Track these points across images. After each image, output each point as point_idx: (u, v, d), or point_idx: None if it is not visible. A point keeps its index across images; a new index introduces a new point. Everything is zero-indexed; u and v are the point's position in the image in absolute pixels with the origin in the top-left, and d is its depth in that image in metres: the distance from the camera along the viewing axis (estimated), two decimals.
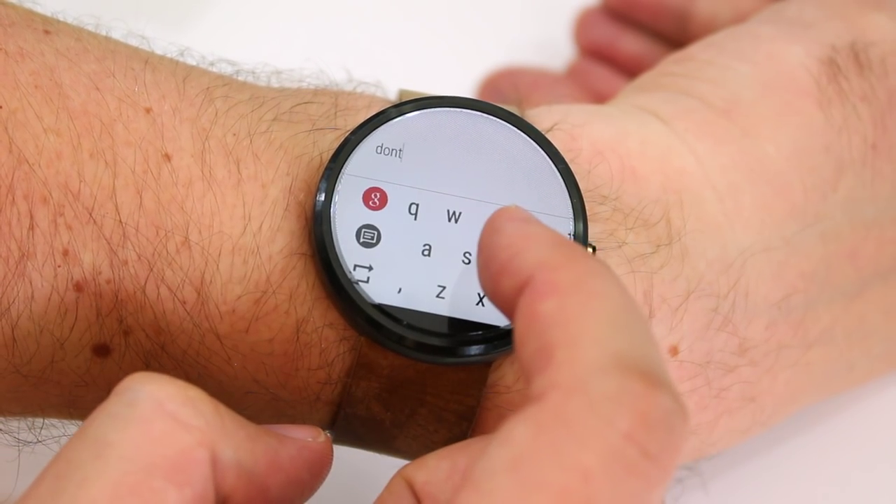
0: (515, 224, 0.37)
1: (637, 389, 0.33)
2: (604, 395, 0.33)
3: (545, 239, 0.36)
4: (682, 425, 0.33)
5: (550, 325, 0.34)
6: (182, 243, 0.41)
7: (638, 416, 0.33)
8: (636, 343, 0.34)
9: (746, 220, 0.46)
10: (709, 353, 0.45)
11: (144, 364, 0.42)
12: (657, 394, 0.33)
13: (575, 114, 0.46)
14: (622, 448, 0.32)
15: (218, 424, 0.36)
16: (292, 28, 0.66)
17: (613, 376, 0.33)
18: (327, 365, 0.42)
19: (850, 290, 0.48)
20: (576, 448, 0.32)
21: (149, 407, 0.35)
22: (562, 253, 0.36)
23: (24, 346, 0.41)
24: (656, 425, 0.33)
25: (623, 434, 0.32)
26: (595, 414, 0.33)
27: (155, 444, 0.35)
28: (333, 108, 0.44)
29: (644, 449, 0.33)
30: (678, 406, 0.33)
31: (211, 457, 0.35)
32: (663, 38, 0.62)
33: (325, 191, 0.42)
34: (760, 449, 0.52)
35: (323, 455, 0.39)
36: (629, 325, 0.35)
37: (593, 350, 0.34)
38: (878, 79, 0.48)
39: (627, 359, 0.34)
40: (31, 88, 0.41)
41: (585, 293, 0.35)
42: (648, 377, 0.33)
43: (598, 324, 0.34)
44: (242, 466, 0.36)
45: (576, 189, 0.43)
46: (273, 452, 0.37)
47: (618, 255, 0.44)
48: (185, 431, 0.35)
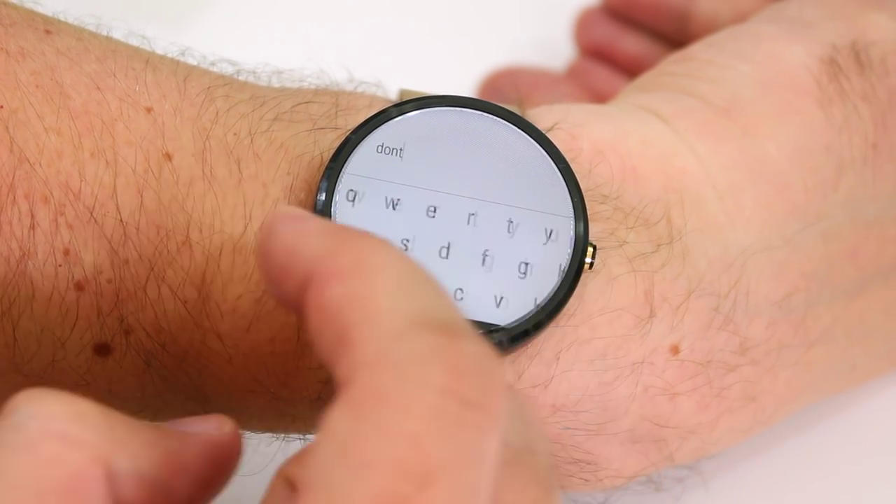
0: (287, 223, 0.36)
1: (440, 343, 0.32)
2: (409, 358, 0.32)
3: (317, 230, 0.35)
4: (496, 367, 0.33)
5: (341, 310, 0.34)
6: (183, 243, 0.41)
7: (448, 368, 0.32)
8: (427, 301, 0.34)
9: (747, 219, 0.46)
10: (710, 353, 0.45)
11: (145, 363, 0.42)
12: (461, 342, 0.32)
13: (575, 113, 0.46)
14: (442, 404, 0.32)
15: (110, 436, 0.34)
16: (293, 28, 0.66)
17: (413, 337, 0.32)
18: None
19: (851, 290, 0.48)
20: (397, 417, 0.31)
21: (35, 429, 0.34)
22: (336, 239, 0.35)
23: (25, 346, 0.41)
24: (469, 372, 0.32)
25: (439, 390, 0.32)
26: (405, 378, 0.32)
27: (45, 467, 0.33)
28: (334, 107, 0.44)
29: (464, 398, 0.32)
30: (485, 349, 0.33)
31: (106, 471, 0.34)
32: (663, 38, 0.62)
33: (325, 190, 0.42)
34: (761, 448, 0.52)
35: (230, 447, 0.37)
36: (417, 286, 0.34)
37: (387, 319, 0.33)
38: (878, 78, 0.48)
39: (422, 317, 0.33)
40: (32, 88, 0.41)
41: (367, 270, 0.34)
42: (447, 329, 0.33)
43: (386, 294, 0.33)
44: (142, 475, 0.35)
45: (576, 188, 0.43)
46: (174, 454, 0.36)
47: (618, 254, 0.44)
48: (76, 450, 0.34)
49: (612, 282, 0.44)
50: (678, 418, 0.45)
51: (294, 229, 0.35)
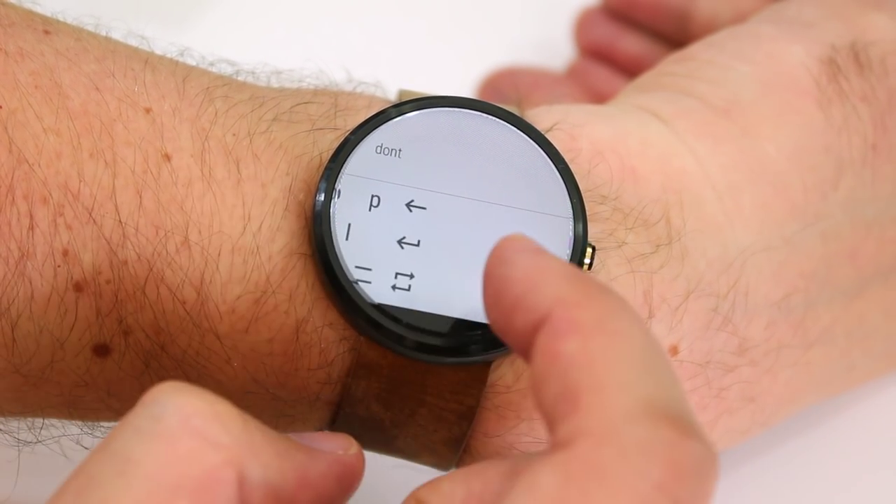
0: (527, 255, 0.36)
1: (668, 438, 0.32)
2: (635, 444, 0.32)
3: (561, 273, 0.35)
4: (713, 472, 0.33)
5: (574, 368, 0.34)
6: (182, 243, 0.41)
7: (670, 465, 0.32)
8: (663, 387, 0.34)
9: (746, 219, 0.46)
10: (709, 353, 0.45)
11: (144, 364, 0.42)
12: (688, 442, 0.33)
13: (575, 114, 0.46)
14: (654, 498, 0.32)
15: (246, 442, 0.35)
16: (292, 28, 0.66)
17: (644, 424, 0.33)
18: (327, 365, 0.42)
19: (851, 290, 0.48)
20: (606, 499, 0.32)
21: (175, 422, 0.34)
22: (580, 288, 0.35)
23: (24, 346, 0.41)
24: (688, 474, 0.32)
25: (655, 485, 0.32)
26: (626, 463, 0.32)
27: (180, 462, 0.34)
28: (333, 108, 0.44)
29: (675, 499, 0.32)
30: (708, 453, 0.33)
31: (238, 476, 0.34)
32: (663, 38, 0.62)
33: (324, 191, 0.42)
34: (760, 449, 0.52)
35: (354, 468, 0.38)
36: (655, 367, 0.34)
37: (621, 396, 0.33)
38: (878, 79, 0.48)
39: (657, 405, 0.33)
40: (30, 88, 0.41)
41: (608, 333, 0.34)
42: (679, 424, 0.33)
43: (623, 367, 0.33)
44: (270, 485, 0.35)
45: (575, 189, 0.43)
46: (303, 469, 0.36)
47: (617, 254, 0.44)
48: (212, 450, 0.34)
49: (610, 282, 0.44)
50: None
51: (534, 264, 0.35)
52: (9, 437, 0.44)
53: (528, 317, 0.35)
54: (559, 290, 0.35)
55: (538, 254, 0.36)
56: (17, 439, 0.44)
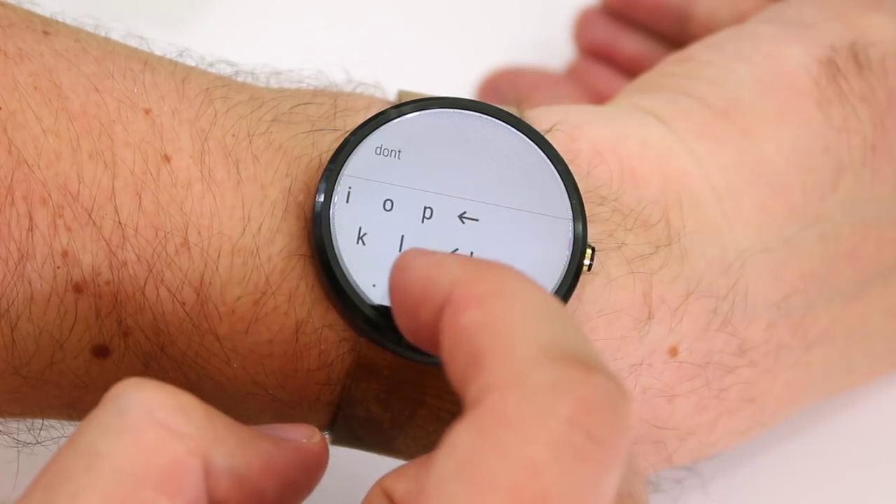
0: (422, 258, 0.37)
1: (573, 375, 0.32)
2: (540, 387, 0.32)
3: (455, 261, 0.36)
4: (625, 404, 0.33)
5: (476, 333, 0.34)
6: (181, 244, 0.41)
7: (578, 401, 0.32)
8: (564, 332, 0.34)
9: (746, 220, 0.46)
10: (708, 354, 0.45)
11: (144, 365, 0.42)
12: (594, 377, 0.33)
13: (574, 114, 0.46)
14: (567, 435, 0.32)
15: (210, 431, 0.35)
16: (291, 29, 0.66)
17: (547, 366, 0.33)
18: (327, 366, 0.42)
19: (850, 291, 0.48)
20: (521, 443, 0.32)
21: (139, 415, 0.35)
22: (474, 267, 0.35)
23: (24, 348, 0.41)
24: (598, 408, 0.32)
25: (566, 421, 0.32)
26: (535, 406, 0.32)
27: (146, 453, 0.34)
28: (332, 108, 0.44)
29: (589, 433, 0.32)
30: (617, 386, 0.33)
31: (203, 465, 0.35)
32: (663, 39, 0.62)
33: (324, 192, 0.42)
34: (760, 449, 0.52)
35: (318, 456, 0.38)
36: (554, 317, 0.34)
37: (523, 346, 0.33)
38: (877, 79, 0.48)
39: (558, 348, 0.33)
40: (30, 90, 0.41)
41: (505, 297, 0.34)
42: (582, 362, 0.33)
43: (523, 321, 0.34)
44: (236, 472, 0.36)
45: (575, 190, 0.43)
46: (267, 456, 0.37)
47: (617, 255, 0.44)
48: (177, 440, 0.35)
49: (610, 283, 0.44)
50: (676, 420, 0.45)
51: (431, 261, 0.36)
52: (8, 439, 0.44)
53: (431, 306, 0.36)
54: (454, 275, 0.35)
55: (432, 255, 0.37)
56: (16, 440, 0.44)
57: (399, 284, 0.37)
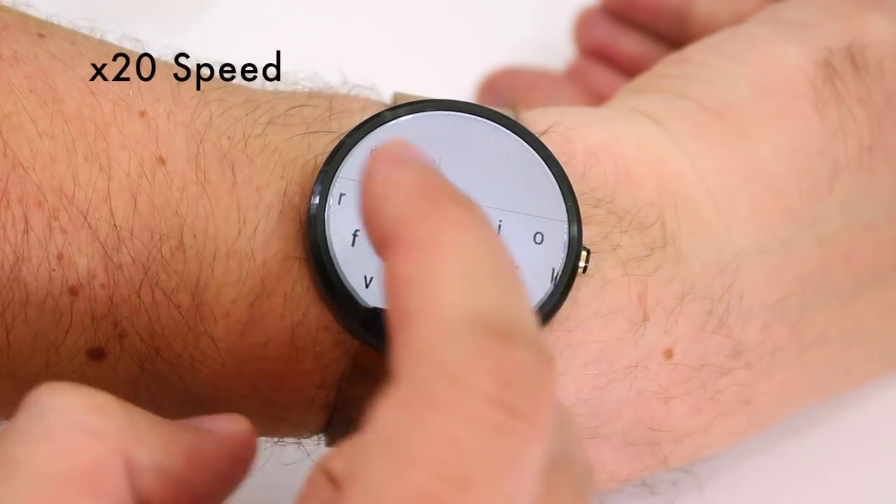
0: (383, 167, 0.35)
1: (491, 349, 0.32)
2: (458, 361, 0.32)
3: (406, 187, 0.34)
4: (546, 377, 0.32)
5: (406, 288, 0.33)
6: (176, 247, 0.41)
7: (496, 376, 0.32)
8: (493, 297, 0.33)
9: (741, 222, 0.46)
10: (703, 356, 0.45)
11: (139, 368, 0.42)
12: (513, 349, 0.32)
13: (570, 116, 0.46)
14: (486, 412, 0.31)
15: (130, 429, 0.35)
16: (288, 31, 0.66)
17: (465, 340, 0.32)
18: (322, 368, 0.42)
19: (846, 293, 0.48)
20: (440, 420, 0.31)
21: (56, 419, 0.34)
22: (420, 204, 0.34)
23: (19, 350, 0.41)
24: (517, 382, 0.32)
25: (484, 397, 0.31)
26: (452, 382, 0.32)
27: (65, 457, 0.34)
28: (328, 110, 0.44)
29: (509, 407, 0.31)
30: (538, 356, 0.32)
31: (125, 463, 0.35)
32: (663, 39, 0.62)
33: (319, 194, 0.42)
34: (756, 450, 0.52)
35: (246, 445, 0.37)
36: (487, 277, 0.33)
37: (444, 313, 0.32)
38: (874, 81, 0.48)
39: (480, 317, 0.32)
40: (25, 92, 0.41)
41: (441, 249, 0.33)
42: (503, 334, 0.32)
43: (452, 282, 0.33)
44: (161, 468, 0.35)
45: (570, 192, 0.43)
46: (192, 449, 0.36)
47: (612, 257, 0.44)
48: (96, 440, 0.34)
49: (605, 285, 0.43)
50: (672, 422, 0.45)
51: (387, 177, 0.35)
52: None
53: (378, 234, 0.35)
54: (401, 208, 0.34)
55: (393, 163, 0.35)
56: None
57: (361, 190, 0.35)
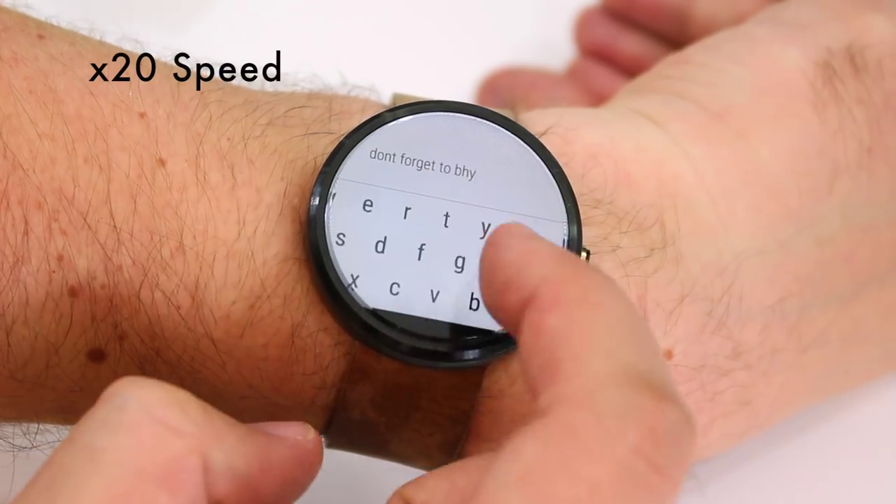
0: (519, 240, 0.37)
1: (645, 403, 0.33)
2: (612, 409, 0.33)
3: (549, 254, 0.36)
4: (690, 437, 0.34)
5: (556, 339, 0.34)
6: (176, 248, 0.41)
7: (646, 429, 0.33)
8: (643, 355, 0.34)
9: (741, 223, 0.46)
10: (703, 357, 0.45)
11: (139, 369, 0.42)
12: (665, 407, 0.33)
13: (569, 117, 0.46)
14: (631, 462, 0.32)
15: (208, 428, 0.36)
16: (287, 31, 0.66)
17: (621, 390, 0.33)
18: (322, 370, 0.42)
19: (846, 294, 0.48)
20: (584, 462, 0.32)
21: (138, 412, 0.35)
22: (566, 267, 0.36)
23: (19, 352, 0.41)
24: (664, 439, 0.33)
25: (632, 448, 0.32)
26: (603, 428, 0.33)
27: (146, 450, 0.35)
28: (328, 112, 0.44)
29: (653, 462, 0.33)
30: (686, 418, 0.34)
31: (202, 462, 0.35)
32: (663, 39, 0.62)
33: (319, 195, 0.42)
34: (757, 451, 0.52)
35: (313, 453, 0.38)
36: (635, 337, 0.35)
37: (600, 363, 0.34)
38: (874, 81, 0.48)
39: (635, 371, 0.34)
40: (25, 93, 0.41)
41: (590, 306, 0.35)
42: (656, 390, 0.33)
43: (603, 336, 0.34)
44: (234, 470, 0.36)
45: (570, 193, 0.43)
46: (264, 454, 0.37)
47: (612, 258, 0.44)
48: (176, 437, 0.35)
49: None
50: None
51: (525, 247, 0.36)
52: (4, 443, 0.44)
53: (517, 295, 0.36)
54: (546, 270, 0.36)
55: (530, 238, 0.37)
56: (12, 445, 0.44)
57: (489, 261, 0.37)
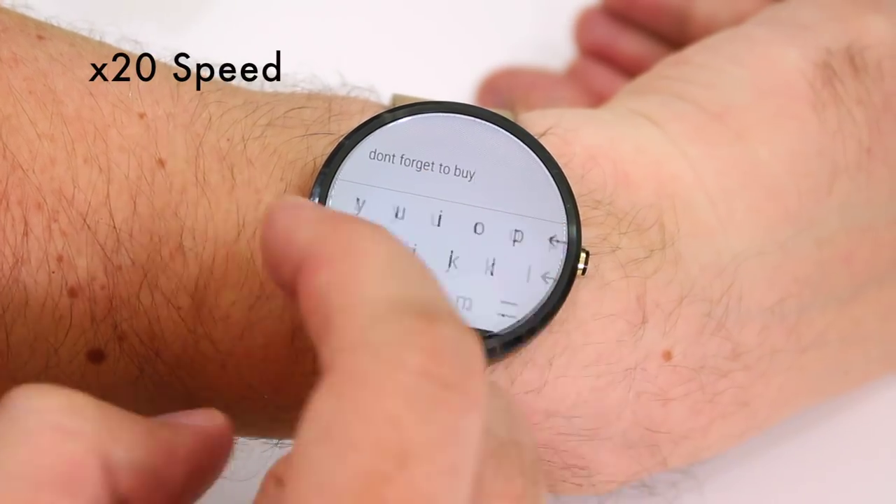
0: (285, 211, 0.36)
1: (416, 326, 0.33)
2: (386, 342, 0.32)
3: (311, 217, 0.36)
4: (474, 350, 0.33)
5: (325, 296, 0.34)
6: (176, 249, 0.41)
7: (425, 350, 0.32)
8: (410, 284, 0.34)
9: (740, 224, 0.46)
10: (702, 358, 0.45)
11: (139, 370, 0.42)
12: (438, 326, 0.33)
13: (568, 118, 0.46)
14: (419, 385, 0.32)
15: (105, 427, 0.35)
16: (286, 32, 0.66)
17: (390, 321, 0.33)
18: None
19: (845, 295, 0.48)
20: (375, 399, 0.32)
21: (32, 420, 0.34)
22: (327, 225, 0.35)
23: (18, 352, 0.41)
24: (446, 355, 0.32)
25: (416, 372, 0.32)
26: (383, 361, 0.32)
27: (41, 457, 0.34)
28: (327, 112, 0.44)
29: (441, 380, 0.32)
30: (462, 331, 0.33)
31: (102, 462, 0.35)
32: (663, 39, 0.62)
33: (318, 196, 0.42)
34: (756, 451, 0.52)
35: (222, 438, 0.38)
36: (401, 269, 0.34)
37: (366, 303, 0.33)
38: (873, 82, 0.48)
39: (402, 300, 0.33)
40: (24, 94, 0.41)
41: (353, 255, 0.34)
42: (426, 313, 0.33)
43: (368, 279, 0.34)
44: (137, 465, 0.35)
45: (569, 194, 0.43)
46: (168, 445, 0.36)
47: (611, 259, 0.44)
48: (72, 440, 0.34)
49: (604, 287, 0.44)
50: (671, 424, 0.45)
51: (290, 216, 0.36)
52: None
53: (289, 266, 0.35)
54: (308, 234, 0.35)
55: (294, 207, 0.36)
56: None
57: (263, 239, 0.37)
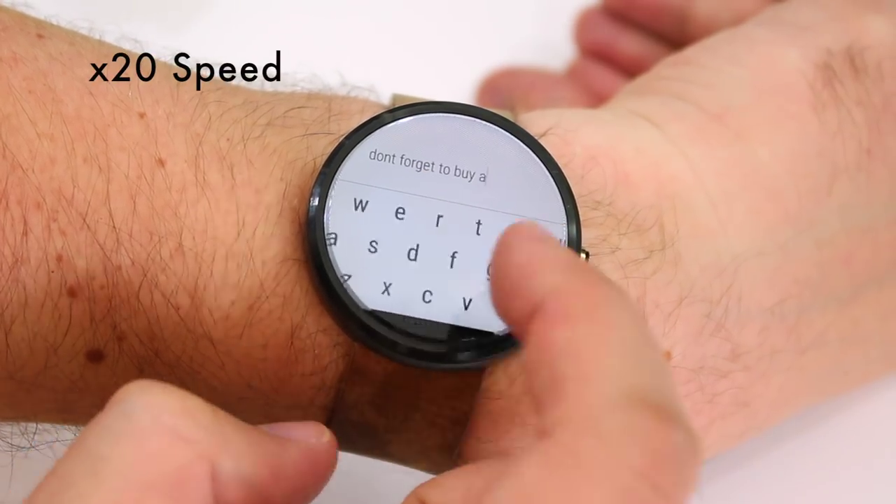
0: (529, 243, 0.36)
1: (648, 425, 0.33)
2: (614, 432, 0.32)
3: (559, 262, 0.35)
4: (694, 459, 0.33)
5: (561, 357, 0.34)
6: (176, 249, 0.41)
7: (649, 452, 0.32)
8: (649, 376, 0.34)
9: (739, 225, 0.46)
10: (702, 359, 0.45)
11: (138, 370, 0.42)
12: (669, 429, 0.33)
13: (568, 118, 0.46)
14: (633, 485, 0.32)
15: (218, 435, 0.35)
16: (286, 32, 0.66)
17: (624, 412, 0.33)
18: (321, 370, 0.42)
19: (845, 295, 0.48)
20: (586, 486, 0.32)
21: (145, 420, 0.35)
22: (576, 278, 0.35)
23: (18, 352, 0.41)
24: (668, 461, 0.32)
25: (634, 471, 0.32)
26: (605, 451, 0.32)
27: (152, 460, 0.34)
28: (327, 112, 0.44)
29: (655, 485, 0.32)
30: (690, 440, 0.33)
31: (211, 471, 0.35)
32: (663, 39, 0.62)
33: (318, 196, 0.42)
34: (755, 452, 0.52)
35: (327, 456, 0.38)
36: (642, 357, 0.34)
37: (604, 385, 0.33)
38: (873, 83, 0.48)
39: (639, 393, 0.33)
40: (24, 93, 0.41)
41: (598, 323, 0.34)
42: (660, 412, 0.33)
43: (609, 357, 0.34)
44: (244, 477, 0.35)
45: (569, 194, 0.43)
46: (275, 459, 0.37)
47: (611, 260, 0.44)
48: (184, 445, 0.34)
49: None
50: None
51: (535, 251, 0.36)
52: (2, 443, 0.44)
53: (524, 303, 0.35)
54: (555, 279, 0.35)
55: (541, 241, 0.36)
56: (10, 444, 0.44)
57: (498, 263, 0.36)
